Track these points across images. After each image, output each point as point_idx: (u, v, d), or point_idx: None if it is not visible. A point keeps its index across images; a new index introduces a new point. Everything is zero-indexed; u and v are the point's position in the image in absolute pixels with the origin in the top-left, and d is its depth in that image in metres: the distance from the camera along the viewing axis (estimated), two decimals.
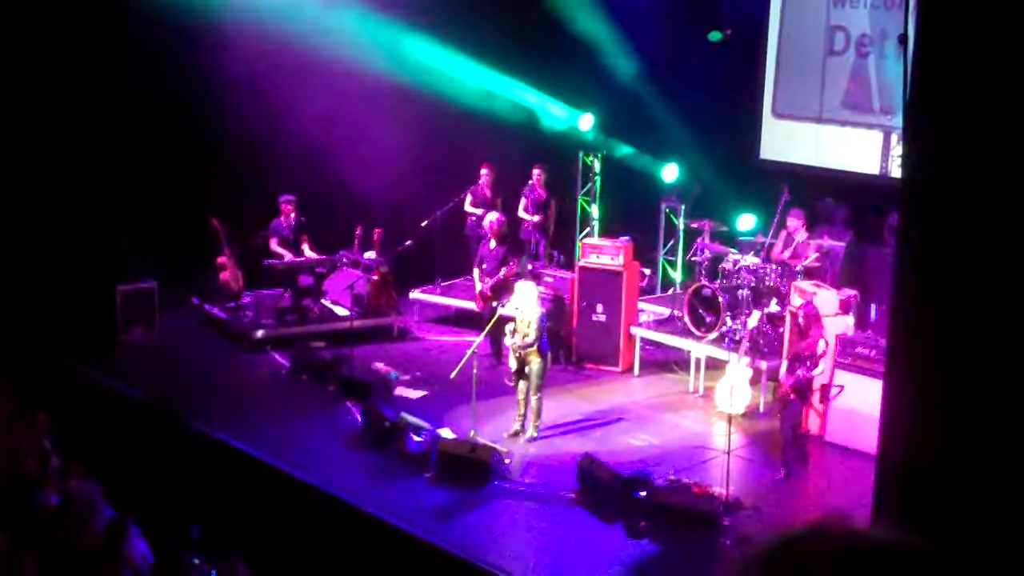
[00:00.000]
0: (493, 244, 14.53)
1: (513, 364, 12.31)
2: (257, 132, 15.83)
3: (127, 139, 15.16)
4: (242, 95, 15.72)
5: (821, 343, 11.61)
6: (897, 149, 14.62)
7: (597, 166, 17.36)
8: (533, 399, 12.30)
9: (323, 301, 15.72)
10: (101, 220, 14.58)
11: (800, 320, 11.89)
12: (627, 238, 15.13)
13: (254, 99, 15.76)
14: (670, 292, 16.19)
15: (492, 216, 14.82)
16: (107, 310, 14.69)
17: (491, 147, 16.81)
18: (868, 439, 9.91)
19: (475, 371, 11.88)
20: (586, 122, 17.30)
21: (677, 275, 16.42)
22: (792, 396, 11.62)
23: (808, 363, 11.50)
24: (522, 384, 12.31)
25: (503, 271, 14.26)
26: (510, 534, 10.74)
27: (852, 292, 13.41)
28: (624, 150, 17.19)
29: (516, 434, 12.35)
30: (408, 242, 15.81)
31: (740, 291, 13.93)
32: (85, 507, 5.98)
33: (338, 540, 10.30)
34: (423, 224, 16.19)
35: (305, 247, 15.64)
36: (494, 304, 13.87)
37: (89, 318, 14.39)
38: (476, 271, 14.73)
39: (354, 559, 10.05)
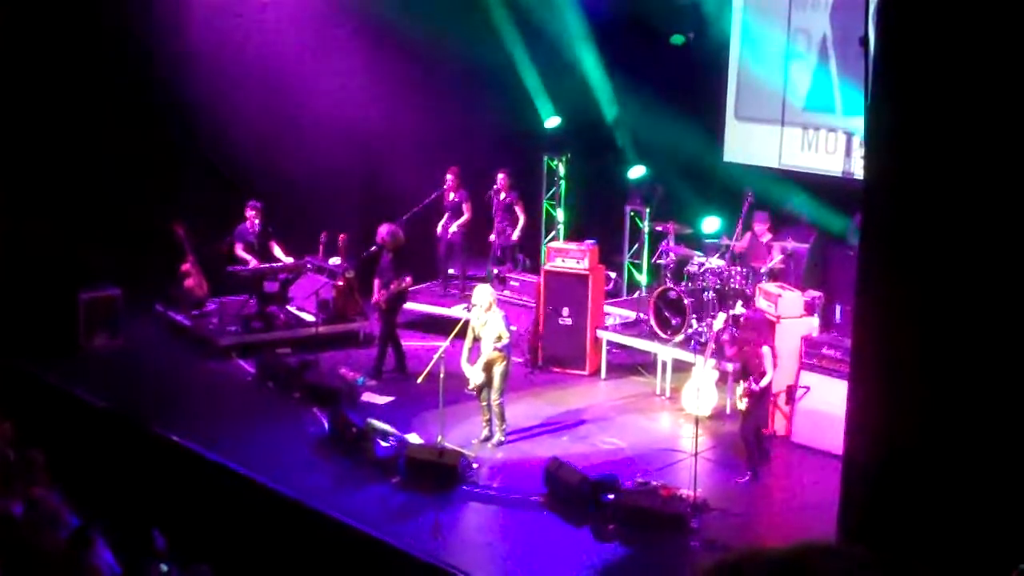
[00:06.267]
0: (389, 255, 14.27)
1: (479, 378, 12.24)
2: (223, 137, 15.77)
3: (90, 145, 15.06)
4: (208, 101, 15.66)
5: (765, 350, 11.67)
6: (860, 151, 14.69)
7: (562, 170, 17.35)
8: (495, 403, 12.29)
9: (288, 307, 15.65)
10: (64, 226, 14.47)
11: (745, 327, 11.90)
12: (592, 242, 15.14)
13: (220, 104, 15.68)
14: (636, 295, 16.21)
15: (383, 227, 14.50)
16: (70, 317, 14.57)
17: (457, 151, 16.77)
18: (834, 439, 9.97)
19: (442, 376, 11.85)
20: (552, 124, 17.31)
21: (643, 278, 16.45)
22: (750, 402, 11.65)
23: (759, 370, 11.55)
24: (485, 389, 12.29)
25: (396, 284, 14.12)
26: (478, 538, 10.74)
27: (817, 293, 13.48)
28: (589, 153, 17.20)
29: (486, 439, 12.34)
30: (373, 247, 15.76)
31: (705, 293, 13.99)
32: (50, 516, 5.93)
33: (306, 546, 10.26)
34: None
35: (276, 250, 15.51)
36: (391, 317, 13.93)
37: (52, 325, 14.28)
38: (376, 283, 14.41)
39: (322, 565, 10.02)
